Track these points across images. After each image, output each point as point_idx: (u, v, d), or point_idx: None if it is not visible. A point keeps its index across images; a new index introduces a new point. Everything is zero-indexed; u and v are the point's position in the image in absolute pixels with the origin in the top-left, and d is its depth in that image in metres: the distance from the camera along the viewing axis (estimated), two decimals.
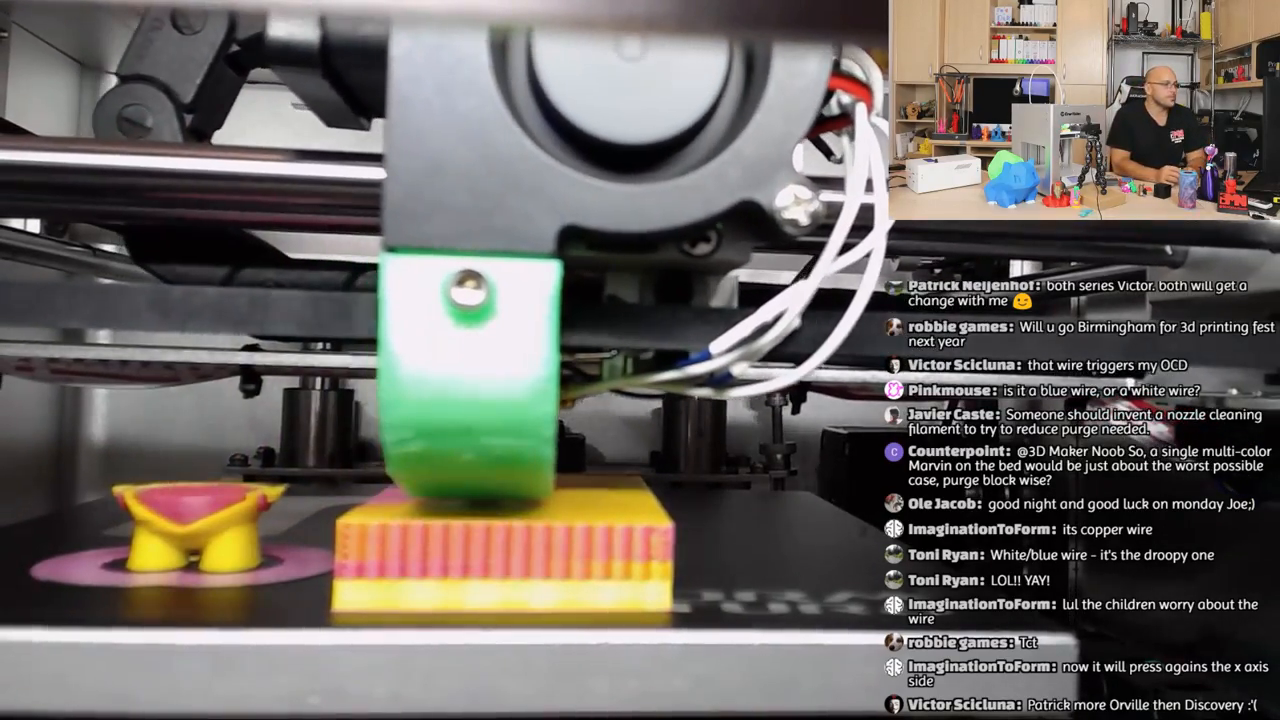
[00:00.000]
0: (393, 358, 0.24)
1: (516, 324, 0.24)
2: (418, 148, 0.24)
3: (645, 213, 0.25)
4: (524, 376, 0.25)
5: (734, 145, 0.25)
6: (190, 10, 0.36)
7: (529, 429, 0.25)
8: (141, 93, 0.36)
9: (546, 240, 0.24)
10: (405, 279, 0.24)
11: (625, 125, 0.25)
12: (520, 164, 0.24)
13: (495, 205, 0.24)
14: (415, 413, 0.25)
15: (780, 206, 0.25)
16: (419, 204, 0.24)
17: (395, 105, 0.24)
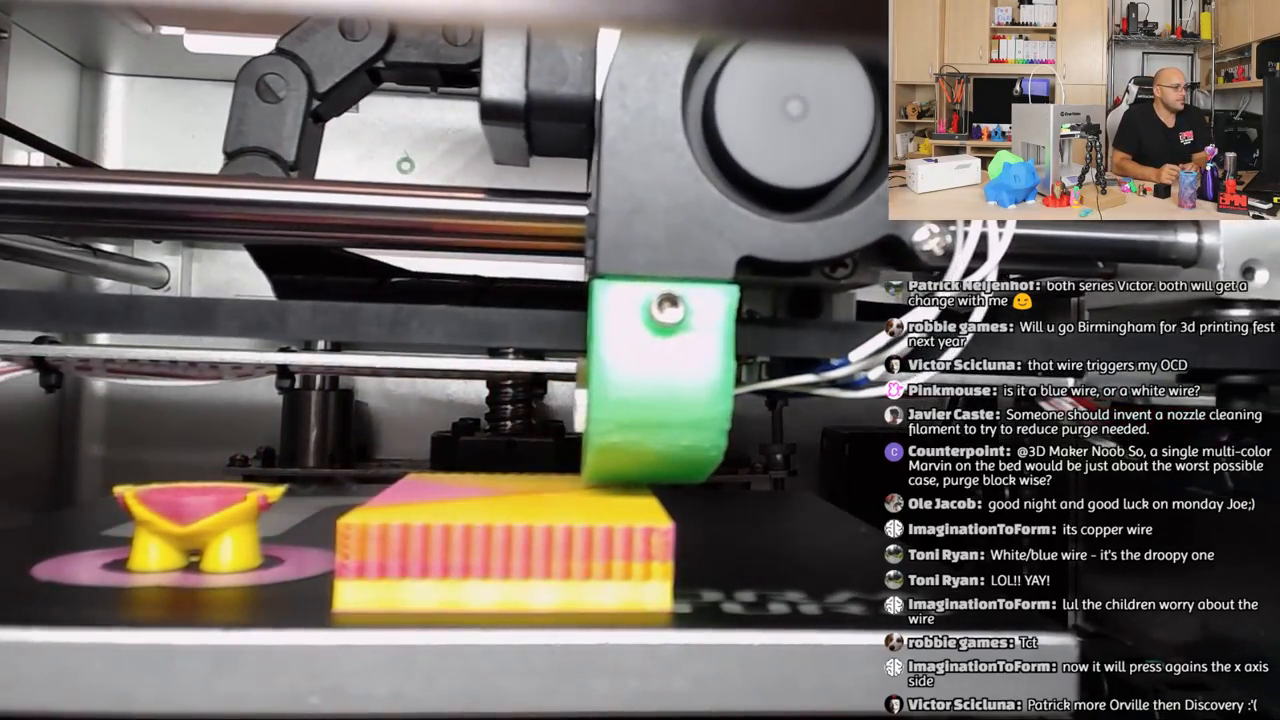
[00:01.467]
0: (603, 365, 0.29)
1: (703, 337, 0.29)
2: (624, 194, 0.30)
3: (808, 245, 0.30)
4: (709, 381, 0.29)
5: (881, 189, 0.30)
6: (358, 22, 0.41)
7: (709, 424, 0.30)
8: (286, 68, 0.41)
9: (728, 268, 0.30)
10: (615, 300, 0.29)
11: (792, 173, 0.30)
12: (707, 206, 0.30)
13: (686, 240, 0.30)
14: (618, 410, 0.29)
15: (919, 241, 0.31)
16: (626, 239, 0.29)
17: (607, 158, 0.30)
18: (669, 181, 0.30)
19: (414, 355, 0.52)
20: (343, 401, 0.70)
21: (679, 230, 0.29)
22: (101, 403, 0.75)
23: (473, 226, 0.40)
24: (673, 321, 0.29)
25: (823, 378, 0.33)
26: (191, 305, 0.35)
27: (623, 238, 0.29)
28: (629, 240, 0.29)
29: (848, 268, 0.34)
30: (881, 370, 0.33)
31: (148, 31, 0.67)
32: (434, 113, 0.76)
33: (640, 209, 0.29)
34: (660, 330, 0.29)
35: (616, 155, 0.30)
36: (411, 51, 0.42)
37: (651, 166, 0.30)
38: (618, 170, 0.30)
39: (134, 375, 0.51)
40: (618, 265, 0.29)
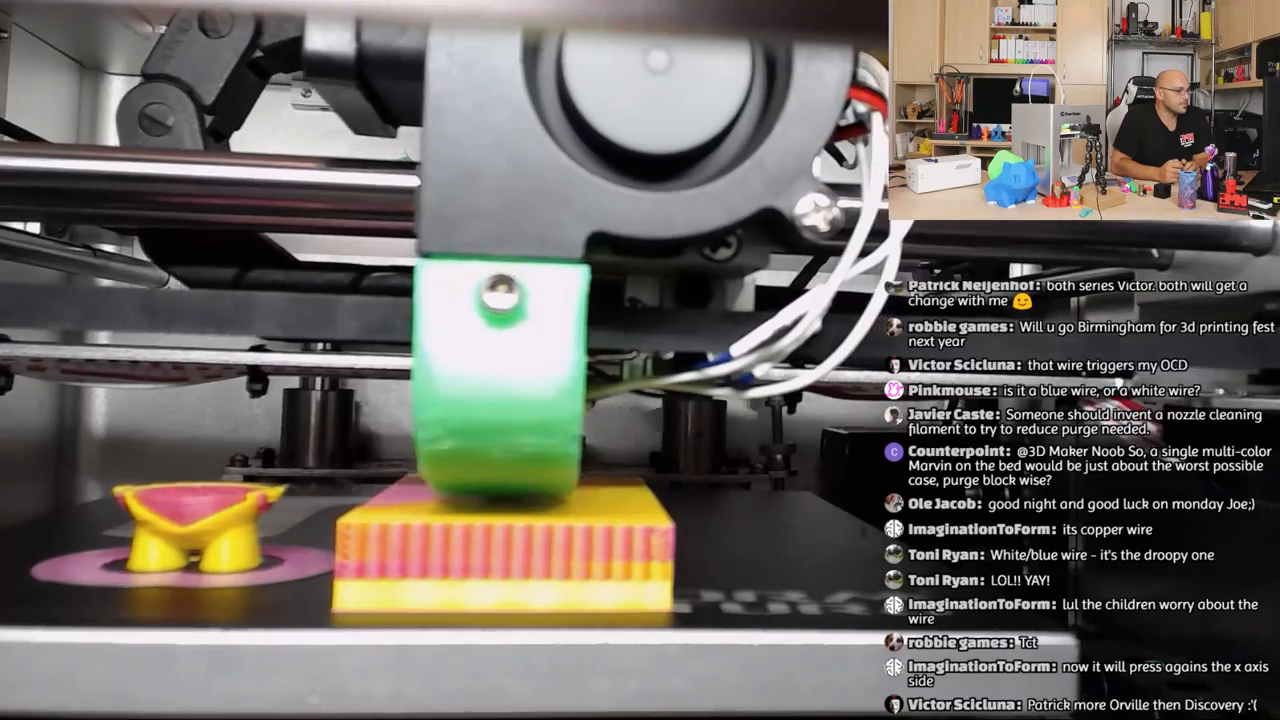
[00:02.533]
0: (427, 359, 0.25)
1: (546, 327, 0.25)
2: (453, 158, 0.25)
3: (670, 219, 0.26)
4: (553, 377, 0.25)
5: (756, 155, 0.26)
6: (218, 14, 0.37)
7: (557, 427, 0.26)
8: (165, 92, 0.37)
9: (575, 246, 0.25)
10: (440, 283, 0.25)
11: (652, 135, 0.26)
12: (551, 173, 0.25)
13: (526, 213, 0.25)
14: (447, 412, 0.26)
15: (801, 214, 0.26)
16: (454, 211, 0.25)
17: (431, 117, 0.25)
18: (506, 142, 0.25)
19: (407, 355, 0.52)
20: (343, 401, 0.70)
21: (518, 201, 0.25)
22: (102, 402, 0.75)
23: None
24: (505, 307, 0.25)
25: (703, 375, 0.29)
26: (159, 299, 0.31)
27: (449, 210, 0.25)
28: (457, 213, 0.25)
29: (730, 247, 0.30)
30: (768, 367, 0.29)
31: (148, 31, 0.67)
32: None
33: (472, 177, 0.25)
34: (493, 319, 0.25)
35: (443, 113, 0.25)
36: (288, 27, 0.37)
37: (486, 126, 0.25)
38: (444, 130, 0.25)
39: (90, 377, 0.48)
40: (444, 242, 0.25)
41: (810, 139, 0.26)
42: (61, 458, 0.74)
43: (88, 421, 0.74)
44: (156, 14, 0.61)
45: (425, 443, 0.26)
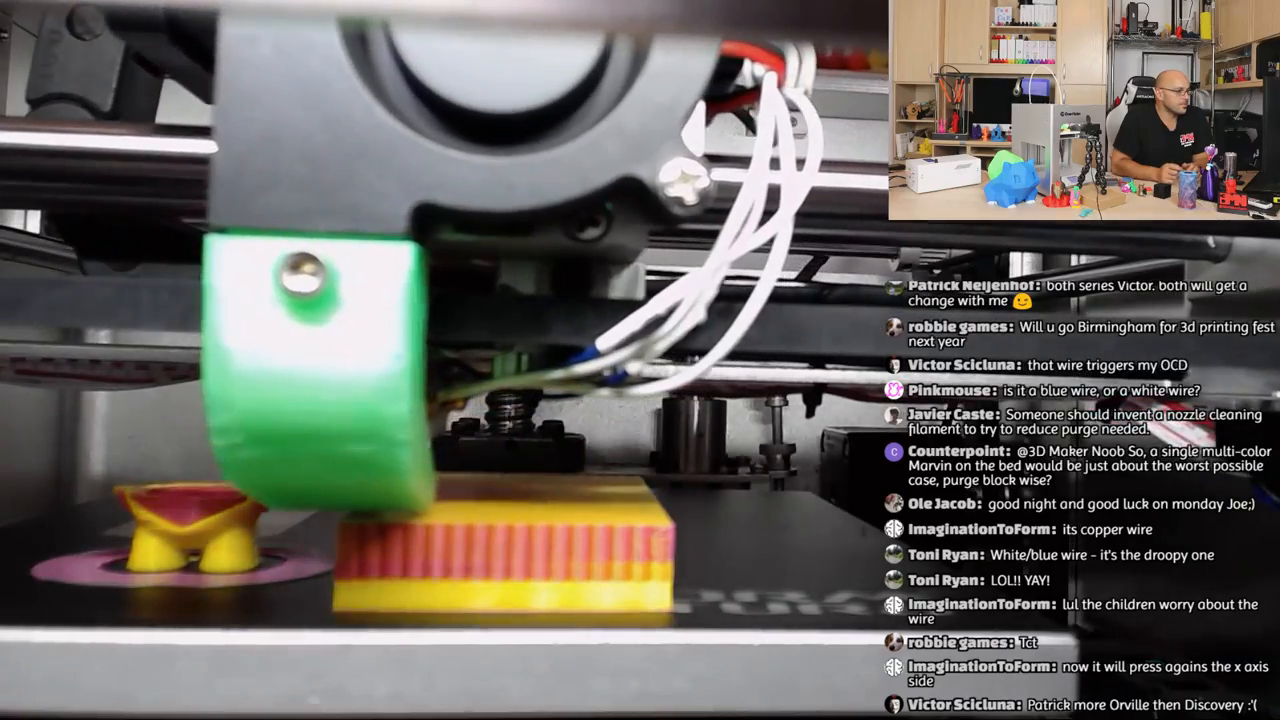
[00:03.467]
0: (220, 352, 0.21)
1: (362, 314, 0.22)
2: (250, 115, 0.21)
3: (512, 190, 0.22)
4: (371, 373, 0.22)
5: (613, 115, 0.22)
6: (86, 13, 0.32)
7: (378, 432, 0.22)
8: (59, 113, 0.32)
9: (397, 220, 0.22)
10: (233, 263, 0.21)
11: (492, 93, 0.22)
12: (369, 133, 0.22)
13: (339, 180, 0.22)
14: (246, 415, 0.22)
15: (664, 183, 0.22)
16: (250, 178, 0.21)
17: (225, 66, 0.21)
18: (315, 98, 0.21)
19: None
20: None
21: (328, 166, 0.21)
22: (102, 402, 0.75)
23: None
24: (308, 290, 0.21)
25: (569, 372, 0.26)
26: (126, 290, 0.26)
27: (246, 177, 0.21)
28: (255, 180, 0.21)
29: (599, 226, 0.25)
30: (641, 364, 0.26)
31: None
32: None
33: (273, 137, 0.21)
34: (298, 305, 0.21)
35: (239, 63, 0.21)
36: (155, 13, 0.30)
37: (292, 78, 0.21)
38: (241, 83, 0.21)
39: (45, 377, 0.43)
40: (237, 215, 0.21)
41: (677, 97, 0.23)
42: (61, 457, 0.74)
43: (88, 421, 0.74)
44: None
45: (223, 450, 0.23)
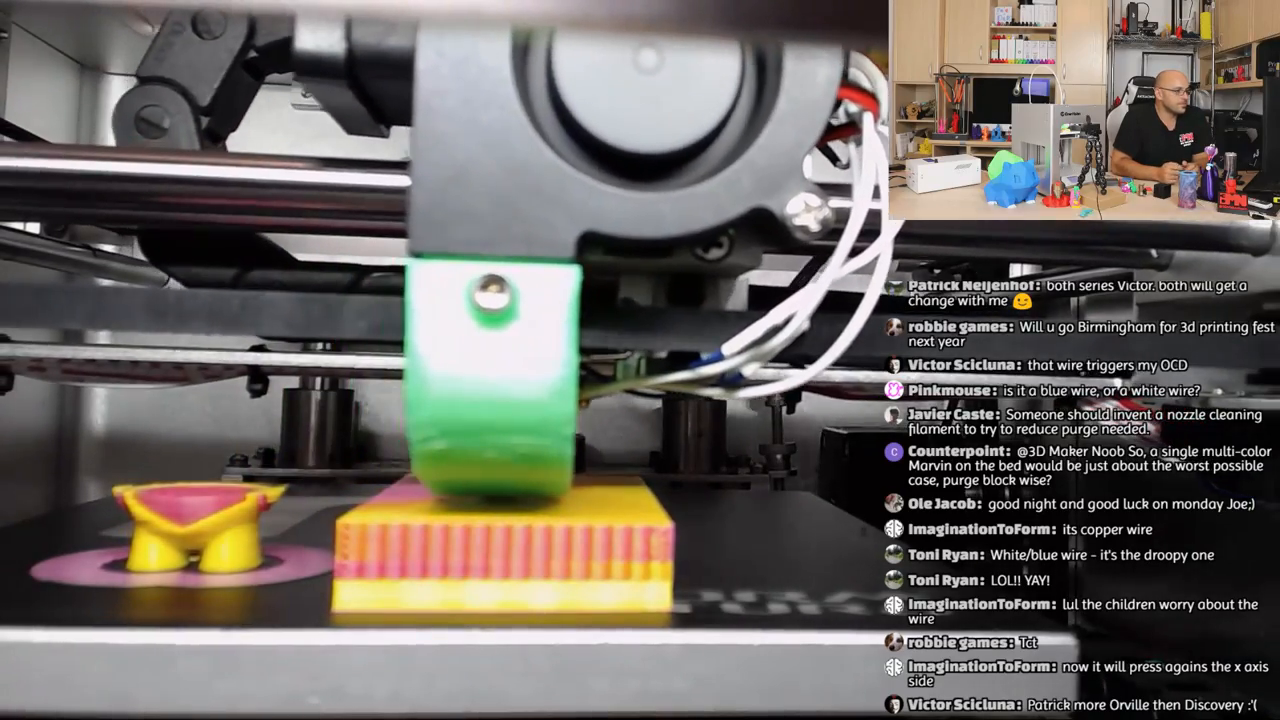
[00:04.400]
0: (419, 359, 0.25)
1: (537, 326, 0.26)
2: (443, 158, 0.25)
3: (661, 219, 0.26)
4: (545, 377, 0.26)
5: (746, 155, 0.26)
6: (211, 15, 0.36)
7: (549, 427, 0.26)
8: (160, 94, 0.37)
9: (566, 246, 0.25)
10: (431, 283, 0.25)
11: (642, 135, 0.26)
12: (541, 173, 0.25)
13: (517, 212, 0.25)
14: (440, 412, 0.26)
15: (791, 214, 0.26)
16: (444, 211, 0.25)
17: (421, 116, 0.25)
18: (496, 142, 0.25)
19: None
20: (343, 401, 0.70)
21: (508, 201, 0.25)
22: (102, 402, 0.75)
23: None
24: (497, 307, 0.25)
25: (696, 374, 0.29)
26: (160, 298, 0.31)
27: (440, 210, 0.25)
28: (447, 213, 0.25)
29: (722, 247, 0.30)
30: (757, 367, 0.29)
31: (148, 31, 0.66)
32: None
33: (462, 176, 0.25)
34: (485, 319, 0.25)
35: (432, 112, 0.25)
36: (281, 27, 0.36)
37: (476, 125, 0.25)
38: (434, 130, 0.25)
39: (91, 377, 0.48)
40: (434, 242, 0.25)
41: (800, 139, 0.26)
42: (61, 458, 0.74)
43: (88, 421, 0.74)
44: (156, 14, 0.61)
45: (418, 443, 0.26)
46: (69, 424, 0.74)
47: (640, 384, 0.31)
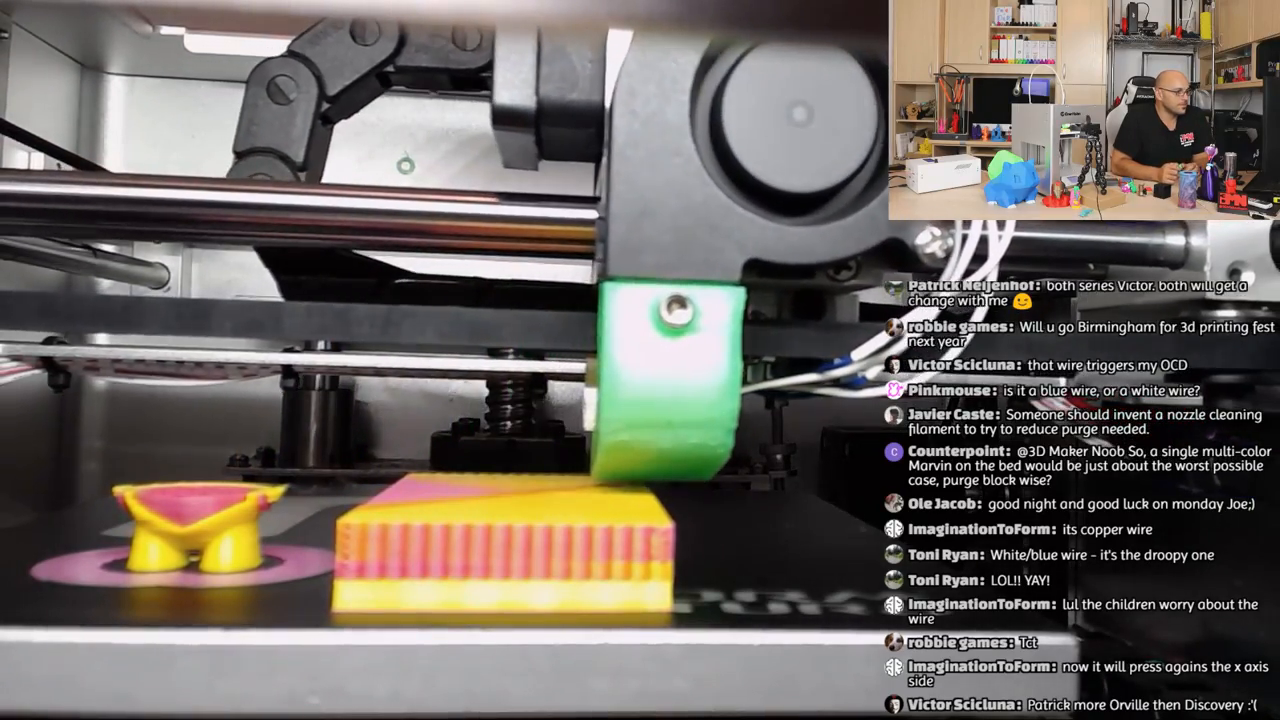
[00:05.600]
0: (614, 366, 0.30)
1: (710, 338, 0.30)
2: (634, 197, 0.30)
3: (813, 248, 0.31)
4: (715, 381, 0.30)
5: (883, 194, 0.31)
6: (369, 25, 0.42)
7: (717, 422, 0.30)
8: (296, 69, 0.41)
9: (735, 270, 0.30)
10: (624, 302, 0.30)
11: (797, 178, 0.31)
12: (714, 210, 0.30)
13: (694, 243, 0.30)
14: (628, 410, 0.30)
15: (921, 244, 0.31)
16: (634, 242, 0.30)
17: (616, 163, 0.30)
18: (677, 185, 0.30)
19: (414, 355, 0.52)
20: (343, 401, 0.70)
21: (687, 233, 0.30)
22: (102, 402, 0.75)
23: (482, 229, 0.40)
24: (682, 323, 0.30)
25: (825, 376, 0.34)
26: (188, 306, 0.36)
27: (632, 240, 0.30)
28: (638, 243, 0.30)
29: (851, 270, 0.35)
30: (879, 370, 0.33)
31: (148, 31, 0.67)
32: (436, 113, 0.76)
33: (649, 212, 0.30)
34: (669, 331, 0.30)
35: (626, 160, 0.30)
36: (421, 56, 0.42)
37: (660, 171, 0.30)
38: (628, 175, 0.30)
39: (140, 375, 0.52)
40: (627, 267, 0.30)
41: None
42: (61, 458, 0.74)
43: (88, 421, 0.74)
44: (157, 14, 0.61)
45: (607, 435, 0.30)
46: (69, 424, 0.74)
47: (772, 385, 0.36)
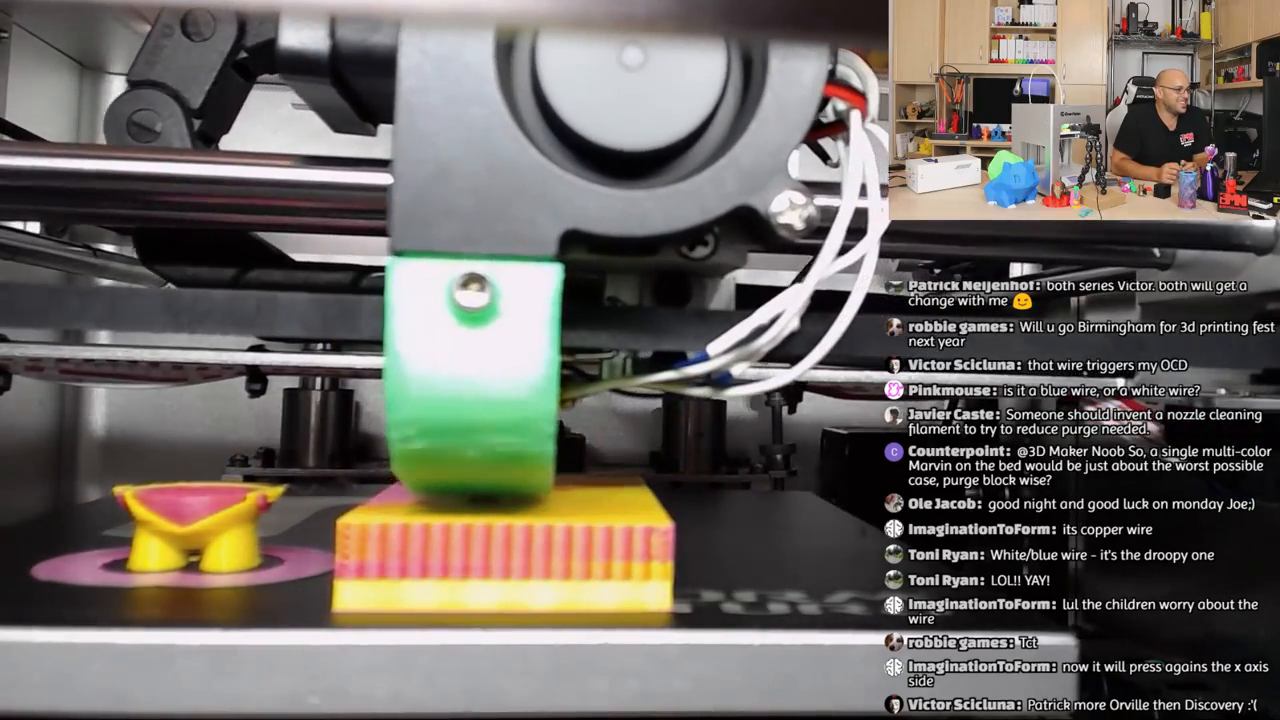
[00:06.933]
0: (399, 358, 0.25)
1: (519, 325, 0.25)
2: (425, 155, 0.25)
3: (645, 217, 0.26)
4: (526, 376, 0.25)
5: (731, 152, 0.26)
6: (200, 17, 0.37)
7: (530, 427, 0.26)
8: (151, 98, 0.36)
9: (548, 244, 0.25)
10: (411, 281, 0.25)
11: (626, 133, 0.26)
12: (524, 170, 0.25)
13: (499, 210, 0.25)
14: (420, 411, 0.25)
15: (775, 212, 0.26)
16: (425, 209, 0.25)
17: (403, 114, 0.25)
18: (479, 141, 0.25)
19: None
20: (343, 401, 0.70)
21: (491, 199, 0.25)
22: (102, 402, 0.75)
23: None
24: (477, 305, 0.25)
25: (681, 374, 0.29)
26: None
27: (421, 208, 0.25)
28: (429, 211, 0.25)
29: (708, 246, 0.30)
30: (746, 366, 0.29)
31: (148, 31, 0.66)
32: None
33: (444, 174, 0.25)
34: (466, 317, 0.25)
35: (414, 110, 0.25)
36: (269, 28, 0.36)
37: (458, 123, 0.25)
38: (416, 128, 0.25)
39: (88, 377, 0.48)
40: (415, 240, 0.25)
41: (786, 136, 0.26)
42: (61, 458, 0.74)
43: (88, 421, 0.74)
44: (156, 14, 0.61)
45: (398, 442, 0.26)
46: (69, 424, 0.74)
47: (626, 383, 0.31)
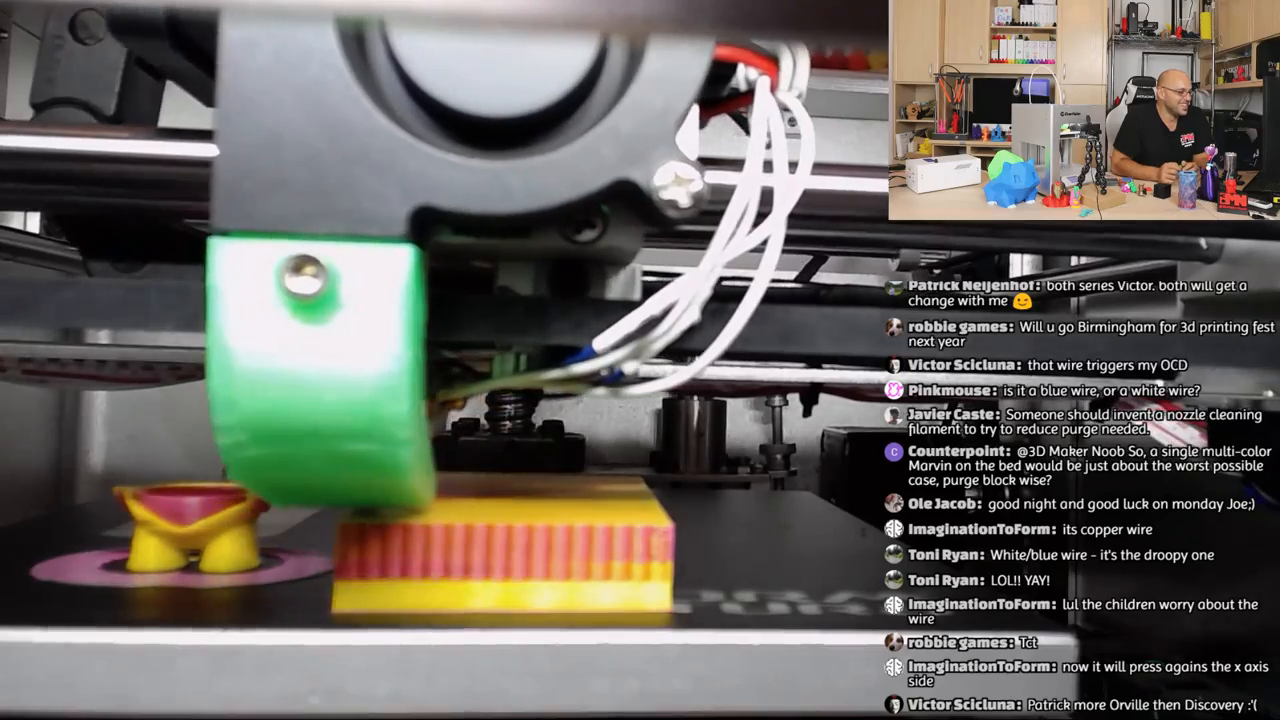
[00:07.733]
0: (224, 353, 0.22)
1: (363, 315, 0.22)
2: (251, 120, 0.22)
3: (509, 193, 0.22)
4: (372, 373, 0.22)
5: (608, 120, 0.23)
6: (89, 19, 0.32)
7: (380, 431, 0.23)
8: (62, 116, 0.33)
9: (397, 223, 0.22)
10: (236, 265, 0.22)
11: (488, 98, 0.23)
12: (368, 138, 0.22)
13: (338, 184, 0.22)
14: (250, 415, 0.22)
15: (658, 186, 0.23)
16: (252, 182, 0.22)
17: (226, 72, 0.22)
18: (315, 104, 0.22)
19: None
20: None
21: (329, 171, 0.22)
22: (102, 402, 0.75)
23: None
24: (310, 293, 0.21)
25: (567, 372, 0.26)
26: None
27: (247, 180, 0.22)
28: (255, 184, 0.22)
29: (595, 228, 0.26)
30: (637, 364, 0.26)
31: None
32: None
33: (274, 142, 0.22)
34: (300, 307, 0.22)
35: (239, 69, 0.22)
36: None
37: (288, 84, 0.22)
38: (241, 89, 0.22)
39: (52, 377, 0.45)
40: (240, 218, 0.22)
41: (671, 102, 0.23)
42: (62, 458, 0.74)
43: (88, 421, 0.74)
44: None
45: (229, 449, 0.23)
46: (69, 424, 0.74)
47: (511, 382, 0.28)
